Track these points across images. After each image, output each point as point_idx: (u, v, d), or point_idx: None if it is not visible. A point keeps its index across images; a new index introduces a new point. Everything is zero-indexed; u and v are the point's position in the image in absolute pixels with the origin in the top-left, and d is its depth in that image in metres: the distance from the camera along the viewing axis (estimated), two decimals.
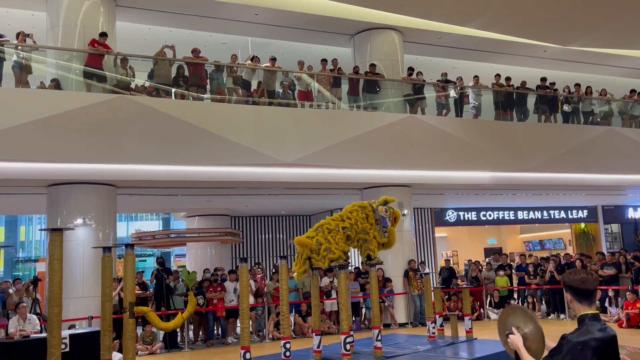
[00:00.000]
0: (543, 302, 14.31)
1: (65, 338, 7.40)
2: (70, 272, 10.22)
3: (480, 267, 15.04)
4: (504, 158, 13.67)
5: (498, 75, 14.98)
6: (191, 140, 10.82)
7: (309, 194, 14.68)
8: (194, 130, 10.84)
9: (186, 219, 18.87)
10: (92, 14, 11.49)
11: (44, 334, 7.70)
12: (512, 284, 14.66)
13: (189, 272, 12.72)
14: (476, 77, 14.69)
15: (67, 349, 7.42)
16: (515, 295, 14.75)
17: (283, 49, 14.74)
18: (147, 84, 11.61)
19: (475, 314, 13.46)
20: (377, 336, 6.93)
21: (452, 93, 14.35)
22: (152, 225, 28.65)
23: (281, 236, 19.62)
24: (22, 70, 10.76)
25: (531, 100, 15.17)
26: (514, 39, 15.23)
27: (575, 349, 2.67)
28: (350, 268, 13.52)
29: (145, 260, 26.55)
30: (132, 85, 11.38)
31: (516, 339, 2.88)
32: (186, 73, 11.79)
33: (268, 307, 12.33)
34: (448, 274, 14.87)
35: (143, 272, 13.22)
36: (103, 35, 11.17)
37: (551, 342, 2.90)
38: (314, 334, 7.06)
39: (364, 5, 13.42)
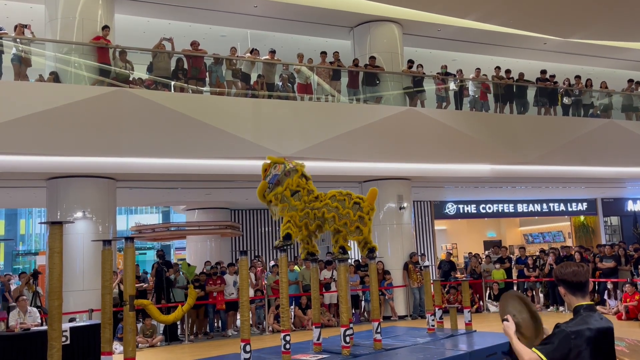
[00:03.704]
0: (542, 294, 14.35)
1: (66, 331, 7.42)
2: (71, 265, 10.24)
3: (480, 260, 15.07)
4: (504, 151, 13.67)
5: (498, 68, 14.95)
6: (190, 133, 10.80)
7: None
8: (193, 123, 10.82)
9: (186, 212, 18.88)
10: (91, 6, 11.45)
11: (44, 327, 7.71)
12: (511, 277, 14.70)
13: (189, 265, 12.75)
14: (478, 69, 14.66)
15: (68, 342, 7.44)
16: (515, 288, 14.78)
17: (282, 41, 14.69)
18: (146, 76, 11.59)
19: (475, 307, 13.49)
20: (377, 329, 6.95)
21: (452, 86, 14.33)
22: (152, 218, 28.64)
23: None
24: (21, 63, 10.73)
25: (531, 93, 15.15)
26: (514, 31, 15.18)
27: (568, 338, 2.68)
28: (350, 261, 13.54)
29: (145, 254, 26.57)
30: (131, 78, 11.36)
31: (508, 326, 2.90)
32: (185, 66, 11.76)
33: (268, 300, 12.36)
34: (448, 267, 14.91)
35: (138, 265, 13.21)
36: (105, 28, 11.16)
37: (549, 329, 2.91)
38: (313, 326, 7.08)
39: None
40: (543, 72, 15.40)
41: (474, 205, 20.29)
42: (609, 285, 12.97)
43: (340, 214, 6.75)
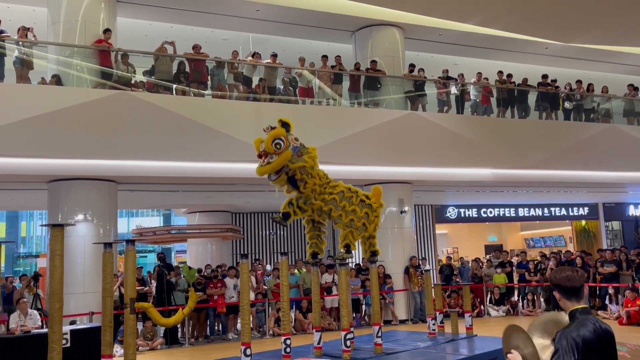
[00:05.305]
0: (543, 299, 14.32)
1: (66, 333, 7.41)
2: (71, 268, 10.23)
3: (481, 264, 15.06)
4: (505, 155, 13.67)
5: (501, 72, 14.95)
6: (192, 136, 10.82)
7: None
8: (195, 126, 10.84)
9: (187, 215, 18.90)
10: (93, 9, 11.48)
11: (45, 330, 7.71)
12: (512, 281, 14.67)
13: (189, 268, 12.74)
14: (479, 73, 14.68)
15: (68, 345, 7.43)
16: (516, 292, 14.77)
17: (284, 45, 14.71)
18: (146, 79, 11.62)
19: (476, 311, 13.46)
20: (378, 332, 6.95)
21: (453, 90, 14.34)
22: (153, 221, 28.65)
23: (282, 233, 19.63)
24: (24, 66, 10.76)
25: (532, 97, 15.16)
26: (516, 36, 15.20)
27: (570, 342, 2.69)
28: (350, 264, 13.54)
29: (145, 256, 26.58)
30: (133, 81, 11.39)
31: (514, 358, 2.88)
32: (187, 69, 11.78)
33: (268, 304, 12.34)
34: (449, 271, 14.90)
35: (142, 268, 13.23)
36: (107, 31, 11.20)
37: None
38: (314, 330, 7.07)
39: (365, 2, 13.40)
40: (544, 76, 15.41)
41: (475, 210, 20.27)
42: (610, 290, 12.94)
43: (346, 211, 6.85)
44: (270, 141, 6.50)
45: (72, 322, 9.67)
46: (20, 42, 10.88)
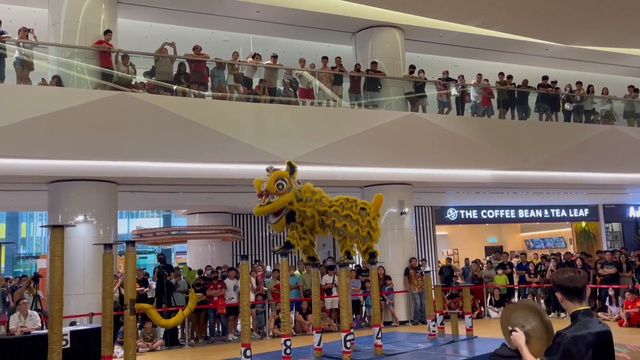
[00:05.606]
0: (543, 300, 14.32)
1: (66, 334, 7.41)
2: (71, 269, 10.23)
3: (481, 266, 15.05)
4: (505, 156, 13.67)
5: (502, 74, 14.96)
6: (192, 137, 10.82)
7: None
8: (195, 127, 10.84)
9: (187, 216, 18.90)
10: (94, 10, 11.49)
11: (45, 331, 7.71)
12: (512, 283, 14.67)
13: (189, 269, 12.73)
14: (479, 75, 14.69)
15: (68, 346, 7.43)
16: (516, 294, 14.76)
17: (284, 46, 14.72)
18: (146, 80, 11.63)
19: (476, 312, 13.46)
20: (378, 334, 6.95)
21: (454, 91, 14.35)
22: (153, 222, 28.68)
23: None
24: (24, 67, 10.77)
25: (532, 99, 15.16)
26: (516, 37, 15.22)
27: (570, 344, 2.69)
28: (351, 266, 13.54)
29: (146, 257, 26.60)
30: (133, 82, 11.40)
31: (519, 337, 2.87)
32: (187, 70, 11.79)
33: (269, 305, 12.34)
34: (449, 273, 14.89)
35: (144, 269, 13.23)
36: (108, 32, 11.21)
37: None
38: (314, 331, 7.08)
39: (365, 3, 13.41)
40: (544, 78, 15.42)
41: (475, 211, 20.27)
42: (611, 292, 12.94)
43: (351, 221, 6.83)
44: (273, 181, 6.48)
45: (72, 323, 9.67)
46: (21, 43, 10.89)
